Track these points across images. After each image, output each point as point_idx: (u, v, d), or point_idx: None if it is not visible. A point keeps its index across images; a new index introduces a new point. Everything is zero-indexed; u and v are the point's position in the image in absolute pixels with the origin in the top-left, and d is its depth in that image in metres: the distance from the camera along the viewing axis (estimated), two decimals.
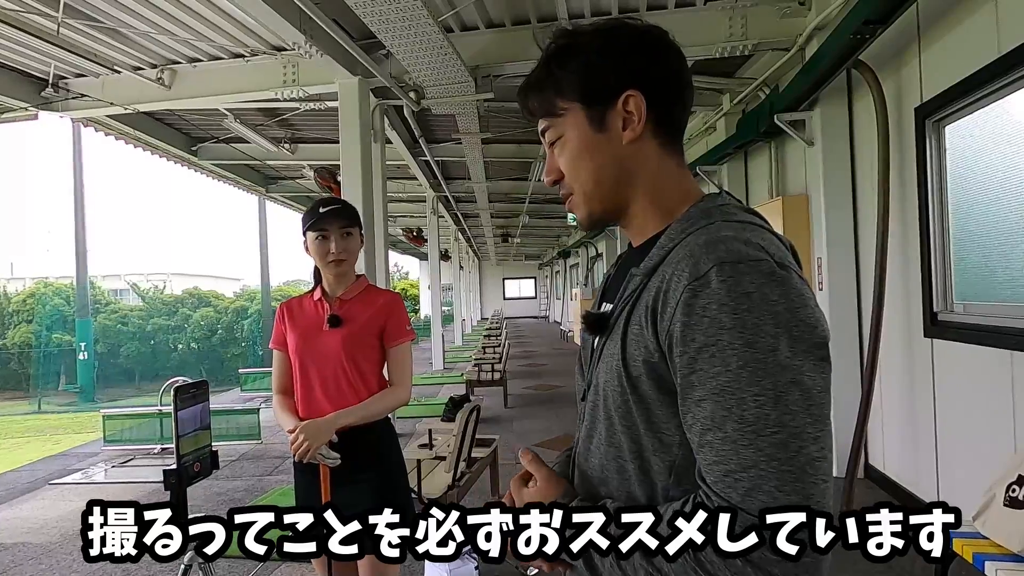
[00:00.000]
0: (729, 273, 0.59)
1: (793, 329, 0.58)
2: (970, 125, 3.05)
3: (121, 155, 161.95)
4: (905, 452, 3.65)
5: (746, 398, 0.56)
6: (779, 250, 0.65)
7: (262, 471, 5.12)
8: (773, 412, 0.56)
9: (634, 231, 0.78)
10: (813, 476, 0.56)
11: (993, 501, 2.22)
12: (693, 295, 0.60)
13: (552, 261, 24.95)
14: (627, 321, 0.69)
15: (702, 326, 0.59)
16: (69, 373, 17.68)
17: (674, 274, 0.63)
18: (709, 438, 0.58)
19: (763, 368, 0.56)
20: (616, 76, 0.72)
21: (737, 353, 0.57)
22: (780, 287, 0.59)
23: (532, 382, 9.40)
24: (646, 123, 0.72)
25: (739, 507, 0.55)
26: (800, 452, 0.56)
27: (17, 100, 5.21)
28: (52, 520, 4.11)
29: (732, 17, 4.32)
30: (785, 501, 0.55)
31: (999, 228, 2.86)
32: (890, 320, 3.63)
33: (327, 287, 1.87)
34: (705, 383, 0.58)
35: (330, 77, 4.77)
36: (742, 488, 0.56)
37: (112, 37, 4.58)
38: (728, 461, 0.57)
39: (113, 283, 28.81)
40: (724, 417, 0.57)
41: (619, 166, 0.74)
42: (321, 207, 1.81)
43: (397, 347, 1.86)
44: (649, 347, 0.64)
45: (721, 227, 0.66)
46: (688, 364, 0.60)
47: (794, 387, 0.57)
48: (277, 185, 10.31)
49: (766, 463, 0.55)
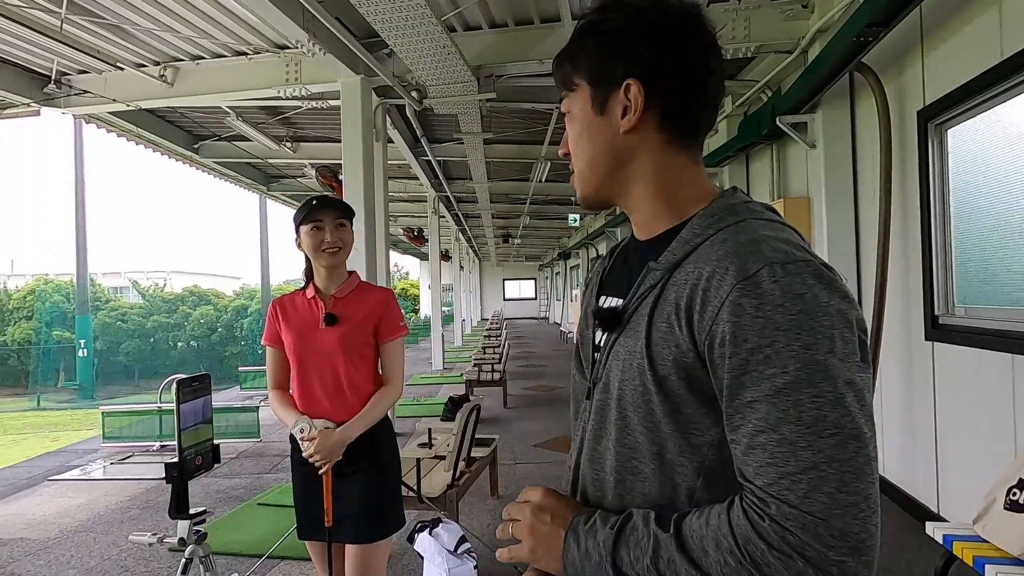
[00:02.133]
0: (781, 274, 0.58)
1: (844, 330, 0.58)
2: (972, 129, 3.05)
3: (122, 152, 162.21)
4: (905, 455, 3.65)
5: (803, 400, 0.56)
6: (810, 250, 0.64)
7: (261, 469, 5.12)
8: (832, 414, 0.56)
9: (639, 223, 0.76)
10: (871, 476, 0.56)
11: (993, 505, 2.22)
12: (742, 294, 0.59)
13: (552, 262, 24.94)
14: (651, 318, 0.67)
15: (755, 327, 0.58)
16: (68, 370, 17.68)
17: (715, 272, 0.61)
18: (762, 440, 0.57)
19: (821, 370, 0.56)
20: (622, 63, 0.69)
21: (795, 355, 0.56)
22: (829, 288, 0.59)
23: (531, 383, 9.39)
24: (649, 115, 0.70)
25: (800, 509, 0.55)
26: (859, 453, 0.56)
27: (19, 96, 5.21)
28: (51, 516, 4.10)
29: (735, 19, 4.32)
30: (845, 502, 0.55)
31: (1001, 232, 2.86)
32: (891, 323, 3.63)
33: (320, 284, 1.88)
34: (759, 384, 0.57)
35: (332, 76, 4.77)
36: (800, 490, 0.55)
37: (115, 34, 4.58)
38: (785, 463, 0.56)
39: (113, 280, 28.82)
40: (780, 419, 0.56)
41: (614, 153, 0.72)
42: (314, 200, 1.84)
43: (391, 343, 1.88)
44: (682, 346, 0.63)
45: (757, 226, 0.65)
46: (740, 366, 0.58)
47: (849, 388, 0.57)
48: (278, 183, 10.31)
49: (826, 465, 0.55)
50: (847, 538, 0.54)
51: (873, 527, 0.56)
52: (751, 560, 0.56)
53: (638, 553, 0.62)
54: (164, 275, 29.83)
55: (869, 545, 0.55)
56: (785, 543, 0.55)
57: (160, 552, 3.34)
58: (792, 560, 0.55)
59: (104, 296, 22.08)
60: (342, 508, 1.79)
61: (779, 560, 0.55)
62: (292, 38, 4.06)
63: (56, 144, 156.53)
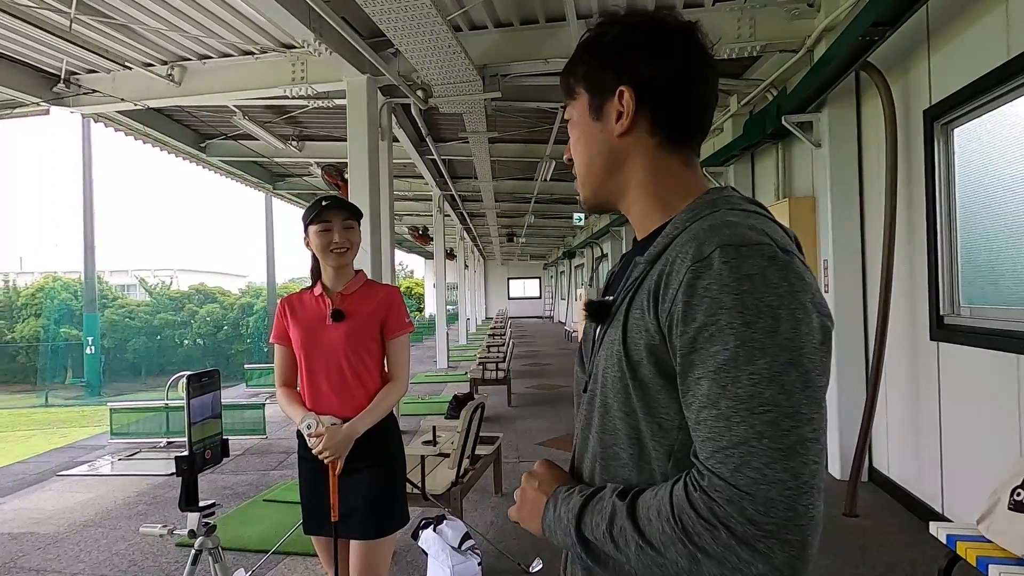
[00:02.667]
0: (732, 255, 0.60)
1: (796, 311, 0.59)
2: (979, 128, 3.04)
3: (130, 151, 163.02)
4: (909, 456, 3.64)
5: (741, 376, 0.58)
6: (782, 237, 0.66)
7: (267, 465, 5.16)
8: (767, 391, 0.57)
9: (636, 222, 0.80)
10: (803, 456, 0.56)
11: (998, 505, 2.22)
12: (695, 276, 0.61)
13: (557, 261, 24.93)
14: (629, 307, 0.70)
15: (703, 306, 0.60)
16: (76, 367, 17.80)
17: (678, 257, 0.65)
18: (704, 415, 0.60)
19: (760, 348, 0.57)
20: (614, 71, 0.75)
21: (735, 332, 0.58)
22: (782, 270, 0.60)
23: (536, 381, 9.40)
24: (641, 121, 0.74)
25: (728, 482, 0.57)
26: (792, 431, 0.56)
27: (29, 95, 5.26)
28: (59, 511, 4.15)
29: (740, 18, 4.32)
30: (772, 478, 0.55)
31: (1007, 231, 2.85)
32: (896, 323, 3.62)
33: (327, 282, 1.90)
34: (705, 362, 0.60)
35: (338, 75, 4.80)
36: (731, 464, 0.57)
37: (123, 33, 4.62)
38: (720, 437, 0.58)
39: (120, 278, 28.99)
40: (719, 395, 0.58)
41: (610, 157, 0.77)
42: (323, 200, 1.86)
43: (396, 339, 1.91)
44: (650, 329, 0.66)
45: (726, 214, 0.68)
46: (688, 344, 0.61)
47: (792, 367, 0.58)
48: (284, 182, 10.36)
49: (756, 440, 0.56)
50: (771, 514, 0.55)
51: (803, 507, 0.55)
52: (683, 528, 0.58)
53: (598, 520, 0.66)
54: (171, 273, 29.98)
55: (798, 525, 0.55)
56: (712, 514, 0.57)
57: (168, 546, 3.38)
58: (718, 531, 0.56)
59: (111, 294, 22.21)
60: (347, 504, 1.81)
61: (707, 530, 0.57)
62: (298, 37, 4.08)
63: (65, 143, 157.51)
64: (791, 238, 0.70)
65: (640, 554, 0.62)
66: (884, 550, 3.10)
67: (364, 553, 1.80)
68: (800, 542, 0.55)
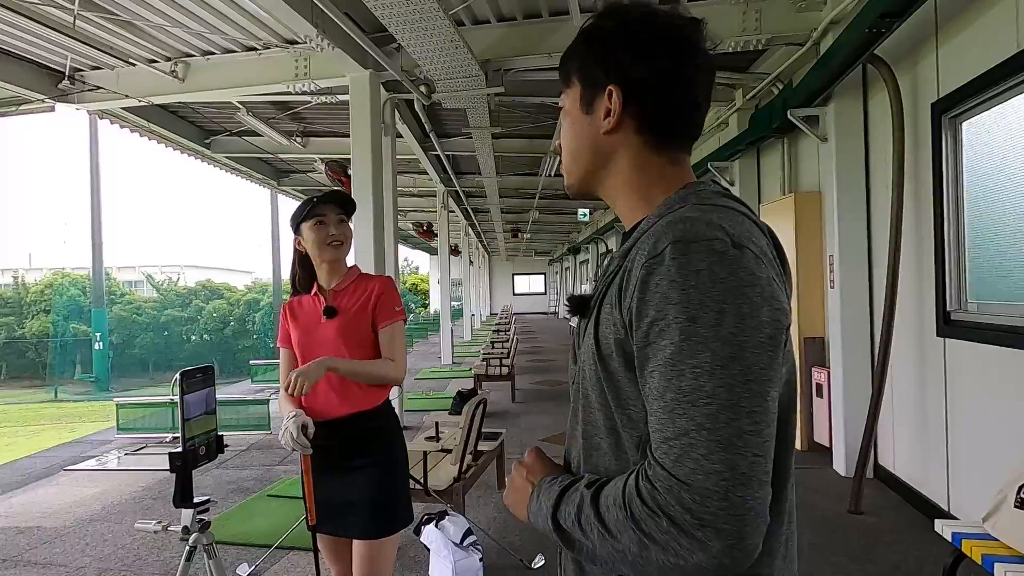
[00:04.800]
0: (682, 251, 0.62)
1: (741, 306, 0.60)
2: (987, 121, 3.00)
3: (136, 148, 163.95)
4: (915, 453, 3.62)
5: (684, 370, 0.59)
6: (744, 232, 0.65)
7: (271, 461, 5.18)
8: (708, 384, 0.58)
9: (622, 216, 0.81)
10: (741, 448, 0.57)
11: (1004, 503, 2.19)
12: (648, 272, 0.63)
13: (562, 257, 24.89)
14: (600, 302, 0.72)
15: (654, 301, 0.62)
16: (85, 363, 17.98)
17: (638, 253, 0.66)
18: (654, 407, 0.62)
19: (702, 342, 0.59)
20: (604, 68, 0.75)
21: (680, 327, 0.60)
22: (730, 266, 0.61)
23: (540, 377, 9.40)
24: (629, 119, 0.75)
25: (670, 472, 0.58)
26: (730, 424, 0.58)
27: (34, 92, 5.28)
28: (66, 505, 4.19)
29: (746, 11, 4.27)
30: (709, 469, 0.57)
31: (1015, 226, 2.81)
32: (902, 319, 3.58)
33: (322, 280, 1.90)
34: (655, 355, 0.62)
35: (341, 70, 4.79)
36: (673, 454, 0.59)
37: (127, 30, 4.63)
38: (665, 428, 0.60)
39: (128, 275, 29.22)
40: (665, 387, 0.60)
41: (594, 151, 0.78)
42: (314, 197, 1.86)
43: (387, 327, 1.86)
44: (616, 324, 0.68)
45: (689, 209, 0.68)
46: (642, 338, 0.63)
47: (734, 362, 0.59)
48: (289, 178, 10.38)
49: (696, 432, 0.58)
50: (706, 504, 0.56)
51: (738, 498, 0.56)
52: (631, 515, 0.61)
53: (570, 509, 0.69)
54: (178, 269, 30.18)
55: (734, 515, 0.56)
56: (655, 502, 0.59)
57: (172, 541, 3.40)
58: (659, 518, 0.58)
59: (119, 290, 22.40)
60: (348, 500, 1.79)
61: (650, 517, 0.59)
62: (301, 33, 4.07)
63: (71, 140, 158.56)
64: (764, 231, 0.70)
65: (601, 540, 0.65)
66: (889, 548, 3.08)
67: (367, 553, 1.79)
68: (736, 532, 0.56)
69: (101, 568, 3.14)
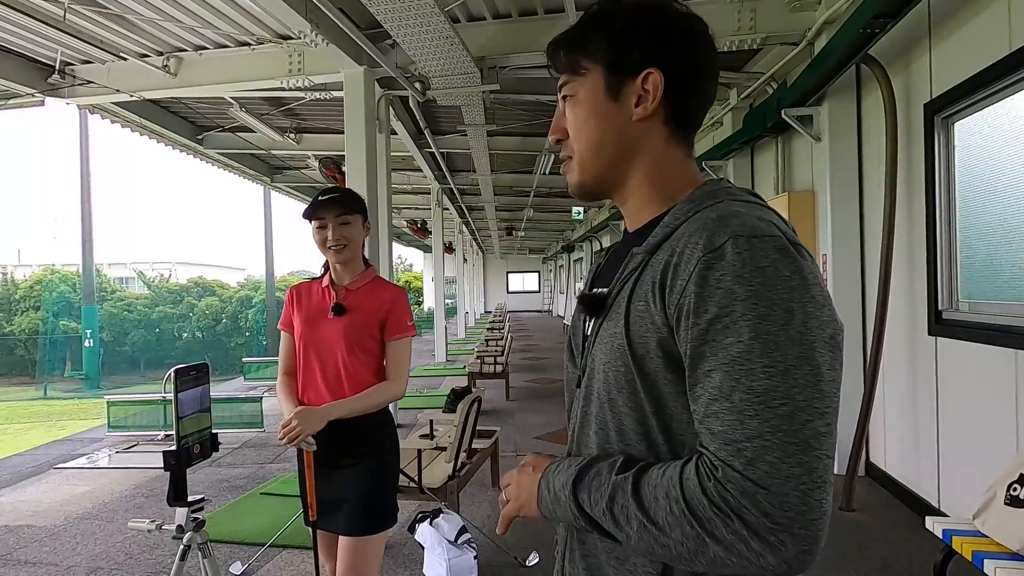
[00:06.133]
0: (744, 246, 0.60)
1: (807, 305, 0.59)
2: (979, 122, 3.02)
3: (127, 143, 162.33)
4: (907, 450, 3.65)
5: (756, 369, 0.57)
6: (789, 229, 0.66)
7: (264, 459, 5.16)
8: (782, 385, 0.56)
9: (631, 213, 0.78)
10: (817, 450, 0.56)
11: (994, 500, 2.22)
12: (707, 267, 0.60)
13: (556, 255, 24.90)
14: (630, 299, 0.69)
15: (715, 297, 0.59)
16: (75, 360, 17.81)
17: (686, 247, 0.63)
18: (716, 408, 0.59)
19: (774, 341, 0.57)
20: (643, 51, 0.71)
21: (750, 324, 0.57)
22: (793, 263, 0.60)
23: (534, 375, 9.41)
24: (660, 107, 0.72)
25: (743, 474, 0.56)
26: (806, 426, 0.56)
27: (23, 86, 5.22)
28: (56, 503, 4.15)
29: (741, 10, 4.28)
30: (787, 472, 0.55)
31: (1006, 227, 2.84)
32: (894, 318, 3.61)
33: (334, 275, 1.88)
34: (717, 354, 0.59)
35: (336, 66, 4.76)
36: (745, 457, 0.56)
37: (118, 23, 4.58)
38: (733, 431, 0.57)
39: (119, 271, 28.95)
40: (732, 387, 0.58)
41: (622, 142, 0.74)
42: (320, 196, 1.83)
43: (396, 341, 1.85)
44: (657, 322, 0.64)
45: (731, 204, 0.66)
46: (700, 336, 0.60)
47: (804, 362, 0.57)
48: (282, 175, 10.32)
49: (771, 434, 0.56)
50: (785, 508, 0.55)
51: (816, 501, 0.56)
52: (692, 513, 0.58)
53: (597, 497, 0.66)
54: (169, 266, 29.96)
55: (811, 519, 0.55)
56: (725, 503, 0.57)
57: (164, 539, 3.38)
58: (731, 520, 0.56)
59: (110, 287, 22.18)
60: (336, 496, 1.79)
61: (718, 517, 0.57)
62: (295, 28, 4.04)
63: (61, 134, 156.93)
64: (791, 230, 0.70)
65: (643, 532, 0.62)
66: (880, 545, 3.10)
67: (352, 549, 1.78)
68: (811, 536, 0.56)
69: (92, 567, 3.11)
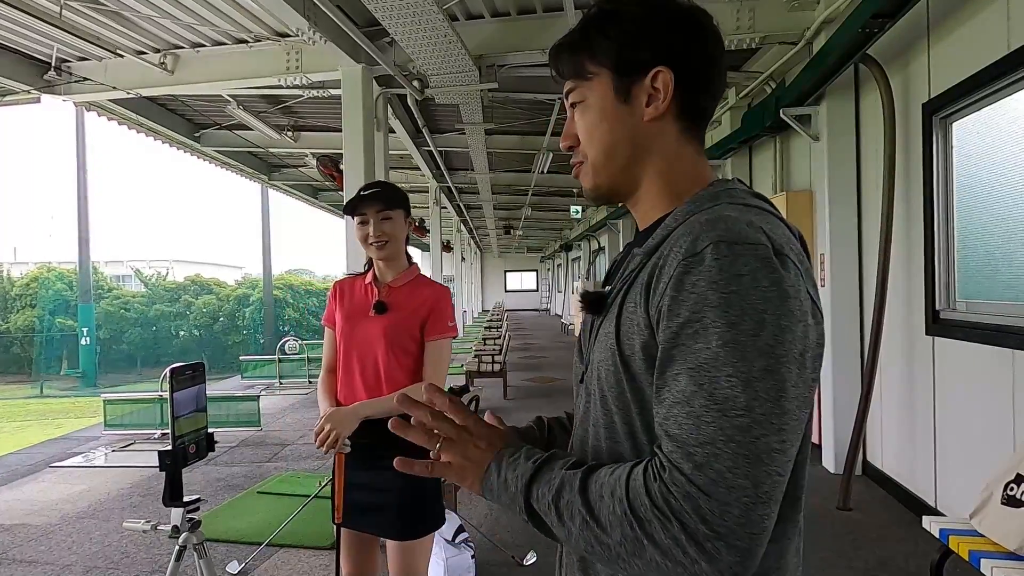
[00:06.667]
0: (724, 252, 0.59)
1: (782, 318, 0.58)
2: (977, 122, 3.03)
3: (124, 141, 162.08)
4: (904, 450, 3.65)
5: (719, 377, 0.56)
6: (783, 237, 0.63)
7: (261, 458, 5.15)
8: (743, 395, 0.56)
9: (641, 213, 0.77)
10: (768, 466, 0.56)
11: (990, 499, 2.22)
12: (685, 271, 0.60)
13: (554, 254, 24.91)
14: (623, 300, 0.69)
15: (689, 302, 0.59)
16: (71, 358, 17.75)
17: (671, 251, 0.63)
18: (676, 411, 0.59)
19: (742, 350, 0.56)
20: (651, 50, 0.70)
21: (719, 332, 0.57)
22: (773, 274, 0.59)
23: (532, 374, 9.41)
24: (671, 104, 0.71)
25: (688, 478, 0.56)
26: (760, 439, 0.55)
27: (19, 83, 5.19)
28: (52, 502, 4.13)
29: (740, 9, 4.27)
30: (733, 483, 0.55)
31: (1004, 227, 2.84)
32: (892, 317, 3.61)
33: (377, 272, 1.86)
34: (685, 358, 0.59)
35: (333, 64, 4.74)
36: (693, 461, 0.56)
37: (115, 20, 4.55)
38: (688, 434, 0.57)
39: (116, 269, 28.83)
40: (694, 392, 0.57)
41: (634, 143, 0.73)
42: (361, 191, 1.81)
43: (435, 342, 1.80)
44: (641, 324, 0.64)
45: (726, 208, 0.65)
46: (671, 339, 0.60)
47: (769, 375, 0.56)
48: (280, 173, 10.29)
49: (724, 443, 0.55)
50: (725, 517, 0.55)
51: (757, 516, 0.55)
52: (633, 512, 0.58)
53: (544, 490, 0.65)
54: (166, 264, 29.84)
55: (749, 533, 0.55)
56: (667, 505, 0.56)
57: (160, 539, 3.36)
58: (670, 523, 0.56)
59: (107, 284, 22.11)
60: (381, 500, 1.75)
61: (658, 519, 0.57)
62: (293, 26, 4.02)
63: (58, 132, 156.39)
64: (795, 235, 0.68)
65: (584, 529, 0.61)
66: (877, 544, 3.11)
67: (401, 554, 1.75)
68: (747, 550, 0.55)
69: (88, 566, 3.10)
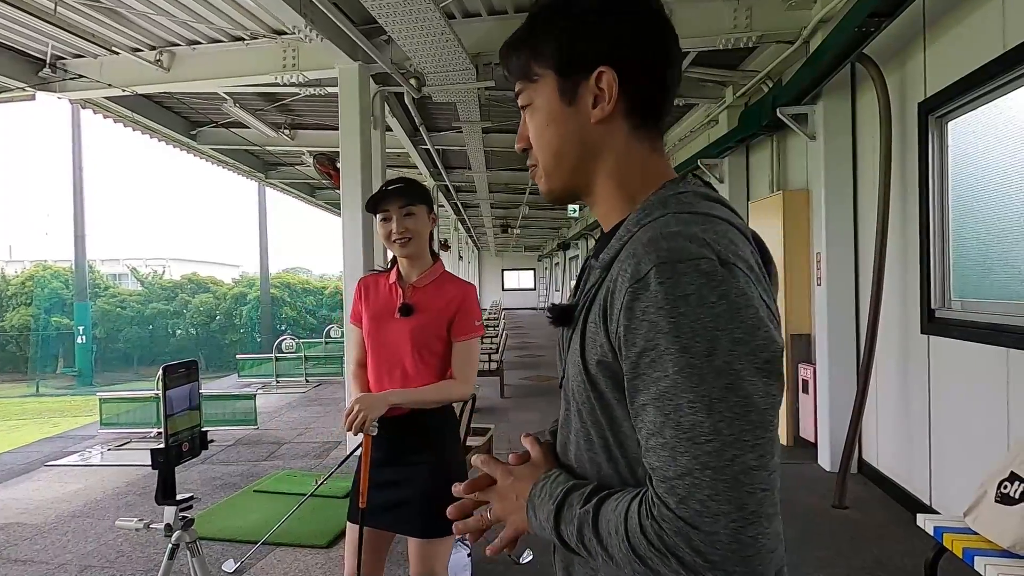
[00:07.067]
0: (668, 274, 0.57)
1: (735, 331, 0.56)
2: (973, 122, 3.03)
3: (120, 139, 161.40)
4: (899, 448, 3.67)
5: (682, 404, 0.56)
6: (728, 246, 0.61)
7: (258, 456, 5.14)
8: (707, 420, 0.55)
9: (601, 215, 0.75)
10: (748, 485, 0.55)
11: (985, 497, 2.23)
12: (633, 297, 0.58)
13: (552, 253, 24.92)
14: (585, 318, 0.68)
15: (642, 330, 0.58)
16: (67, 356, 17.71)
17: (620, 274, 0.62)
18: (652, 443, 0.58)
19: (699, 374, 0.55)
20: (593, 49, 0.68)
21: (673, 358, 0.56)
22: (719, 288, 0.57)
23: (529, 373, 9.41)
24: (618, 103, 0.68)
25: (676, 513, 0.56)
26: (735, 461, 0.55)
27: (14, 80, 5.16)
28: (48, 501, 4.12)
29: (737, 8, 4.28)
30: (716, 510, 0.54)
31: (999, 226, 2.85)
32: (887, 316, 3.63)
33: (402, 270, 1.84)
34: (648, 388, 0.58)
35: (330, 62, 4.73)
36: (677, 495, 0.56)
37: (110, 17, 4.53)
38: (667, 467, 0.57)
39: (112, 267, 28.74)
40: (663, 423, 0.57)
41: (582, 144, 0.71)
42: (383, 186, 1.79)
43: (463, 342, 1.79)
44: (603, 347, 0.64)
45: (669, 221, 0.63)
46: (632, 369, 0.59)
47: (730, 393, 0.55)
48: (276, 171, 10.26)
49: (700, 471, 0.55)
50: (717, 546, 0.54)
51: (749, 538, 0.54)
52: (634, 551, 0.59)
53: (571, 530, 0.67)
54: (163, 262, 29.78)
55: (744, 556, 0.54)
56: (662, 543, 0.57)
57: (156, 537, 3.36)
58: (668, 559, 0.56)
59: (103, 283, 22.03)
60: (401, 498, 1.74)
61: (657, 556, 0.57)
62: (289, 23, 4.02)
63: (53, 129, 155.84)
64: (750, 239, 0.66)
65: (606, 564, 0.64)
66: (873, 542, 3.12)
67: (422, 552, 1.74)
68: (749, 572, 0.55)
69: (83, 565, 3.10)
